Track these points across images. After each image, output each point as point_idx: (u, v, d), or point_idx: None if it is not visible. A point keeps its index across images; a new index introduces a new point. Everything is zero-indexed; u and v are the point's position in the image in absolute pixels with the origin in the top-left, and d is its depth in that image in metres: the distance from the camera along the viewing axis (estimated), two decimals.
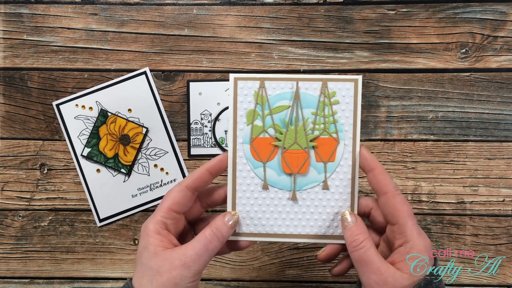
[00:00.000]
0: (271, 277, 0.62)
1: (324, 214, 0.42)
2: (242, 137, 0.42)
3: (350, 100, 0.41)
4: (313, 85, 0.41)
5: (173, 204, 0.40)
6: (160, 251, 0.38)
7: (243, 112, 0.41)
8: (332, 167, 0.41)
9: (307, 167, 0.41)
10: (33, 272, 0.63)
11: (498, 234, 0.60)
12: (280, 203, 0.42)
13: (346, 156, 0.41)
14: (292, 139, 0.41)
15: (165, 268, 0.37)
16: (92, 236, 0.63)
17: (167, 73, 0.62)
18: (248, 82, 0.41)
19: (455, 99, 0.60)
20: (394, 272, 0.36)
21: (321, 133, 0.41)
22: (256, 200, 0.42)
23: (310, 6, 0.61)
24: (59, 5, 0.62)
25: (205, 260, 0.38)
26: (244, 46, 0.61)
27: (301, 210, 0.42)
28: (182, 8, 0.61)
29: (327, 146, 0.41)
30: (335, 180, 0.41)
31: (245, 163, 0.42)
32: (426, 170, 0.61)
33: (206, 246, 0.38)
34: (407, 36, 0.60)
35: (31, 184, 0.63)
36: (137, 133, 0.61)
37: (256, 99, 0.41)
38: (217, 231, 0.39)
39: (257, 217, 0.42)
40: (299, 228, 0.42)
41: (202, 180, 0.41)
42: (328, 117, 0.41)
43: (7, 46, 0.62)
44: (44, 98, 0.62)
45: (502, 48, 0.60)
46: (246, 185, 0.42)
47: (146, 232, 0.39)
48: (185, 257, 0.37)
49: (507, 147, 0.60)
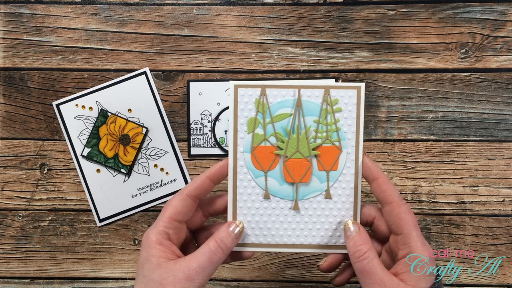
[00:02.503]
0: (271, 277, 0.62)
1: (326, 223, 0.41)
2: (243, 145, 0.41)
3: (353, 107, 0.40)
4: (315, 93, 0.40)
5: (174, 213, 0.39)
6: (163, 263, 0.37)
7: (243, 120, 0.41)
8: (335, 176, 0.41)
9: (309, 176, 0.41)
10: (33, 272, 0.63)
11: (498, 234, 0.60)
12: (282, 212, 0.41)
13: (348, 164, 0.41)
14: (294, 147, 0.41)
15: (169, 280, 0.36)
16: (92, 236, 0.63)
17: (167, 73, 0.62)
18: (249, 90, 0.40)
19: (455, 99, 0.60)
20: (397, 284, 0.35)
21: (323, 142, 0.41)
22: (258, 210, 0.41)
23: (310, 6, 0.60)
24: (59, 5, 0.62)
25: (209, 273, 0.37)
26: (244, 46, 0.61)
27: (303, 219, 0.41)
28: (182, 8, 0.61)
29: (330, 154, 0.41)
30: (337, 189, 0.41)
31: (246, 172, 0.41)
32: (426, 170, 0.61)
33: (210, 258, 0.37)
34: (407, 36, 0.60)
35: (31, 184, 0.63)
36: (137, 133, 0.61)
37: (257, 107, 0.41)
38: (221, 243, 0.38)
39: (258, 227, 0.41)
40: (301, 238, 0.41)
41: (203, 187, 0.40)
42: (330, 125, 0.41)
43: (7, 46, 0.62)
44: (44, 98, 0.62)
45: (502, 48, 0.60)
46: (247, 194, 0.41)
47: (147, 243, 0.38)
48: (188, 270, 0.36)
49: (507, 147, 0.60)
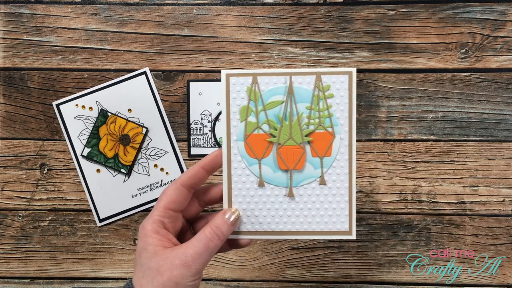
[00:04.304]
0: (271, 277, 0.62)
1: (321, 210, 0.41)
2: (236, 134, 0.41)
3: (345, 93, 0.40)
4: (306, 79, 0.40)
5: (169, 202, 0.40)
6: (160, 251, 0.37)
7: (236, 109, 0.41)
8: (329, 162, 0.41)
9: (303, 163, 0.41)
10: (33, 272, 0.63)
11: (498, 234, 0.60)
12: (276, 200, 0.42)
13: (342, 150, 0.41)
14: (287, 134, 0.41)
15: (166, 267, 0.36)
16: (92, 236, 0.63)
17: (167, 73, 0.62)
18: (241, 78, 0.41)
19: (455, 99, 0.60)
20: None
21: (316, 128, 0.41)
22: (252, 198, 0.42)
23: (310, 6, 0.60)
24: (59, 5, 0.62)
25: (206, 259, 0.38)
26: (244, 46, 0.61)
27: (298, 206, 0.42)
28: (182, 8, 0.61)
29: (323, 140, 0.41)
30: (332, 175, 0.41)
31: (240, 160, 0.41)
32: (426, 170, 0.61)
33: (206, 245, 0.38)
34: (407, 36, 0.60)
35: (31, 184, 0.63)
36: (137, 133, 0.61)
37: (249, 95, 0.41)
38: (217, 230, 0.39)
39: (254, 214, 0.42)
40: (297, 224, 0.42)
41: (197, 177, 0.41)
42: (323, 111, 0.41)
43: (7, 46, 0.62)
44: (44, 98, 0.62)
45: (502, 48, 0.60)
46: (241, 182, 0.42)
47: (144, 233, 0.38)
48: (185, 256, 0.37)
49: (507, 147, 0.60)
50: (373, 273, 0.61)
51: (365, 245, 0.61)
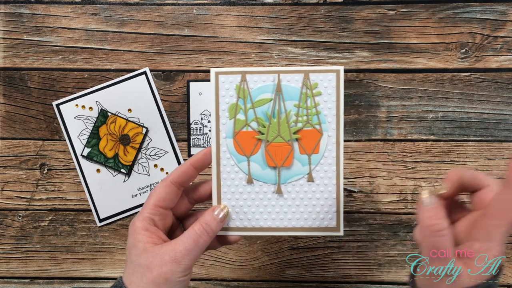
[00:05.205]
0: (271, 277, 0.62)
1: (310, 206, 0.42)
2: (225, 131, 0.42)
3: (333, 91, 0.41)
4: (294, 77, 0.41)
5: (159, 200, 0.40)
6: (150, 247, 0.38)
7: (225, 107, 0.41)
8: (317, 159, 0.41)
9: (291, 160, 0.41)
10: (33, 272, 0.63)
11: None
12: (265, 196, 0.42)
13: (330, 147, 0.41)
14: (275, 132, 0.41)
15: (155, 263, 0.37)
16: (92, 236, 0.63)
17: (167, 73, 0.62)
18: (230, 76, 0.41)
19: (455, 99, 0.60)
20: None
21: (304, 125, 0.41)
22: (241, 195, 0.42)
23: (310, 6, 0.60)
24: (59, 5, 0.62)
25: (195, 255, 0.38)
26: (244, 46, 0.61)
27: (286, 203, 0.42)
28: (182, 8, 0.61)
29: (311, 138, 0.41)
30: (319, 172, 0.41)
31: (229, 157, 0.42)
32: (426, 170, 0.61)
33: (195, 241, 0.38)
34: (407, 36, 0.60)
35: (31, 184, 0.63)
36: (137, 133, 0.61)
37: (238, 93, 0.41)
38: (206, 226, 0.39)
39: (242, 211, 0.42)
40: (285, 221, 0.42)
41: (186, 175, 0.41)
42: (310, 109, 0.41)
43: (7, 46, 0.62)
44: (44, 98, 0.62)
45: (502, 48, 0.60)
46: (230, 179, 0.42)
47: (133, 230, 0.39)
48: (175, 252, 0.37)
49: (507, 147, 0.60)
50: (373, 273, 0.61)
51: (365, 245, 0.61)
